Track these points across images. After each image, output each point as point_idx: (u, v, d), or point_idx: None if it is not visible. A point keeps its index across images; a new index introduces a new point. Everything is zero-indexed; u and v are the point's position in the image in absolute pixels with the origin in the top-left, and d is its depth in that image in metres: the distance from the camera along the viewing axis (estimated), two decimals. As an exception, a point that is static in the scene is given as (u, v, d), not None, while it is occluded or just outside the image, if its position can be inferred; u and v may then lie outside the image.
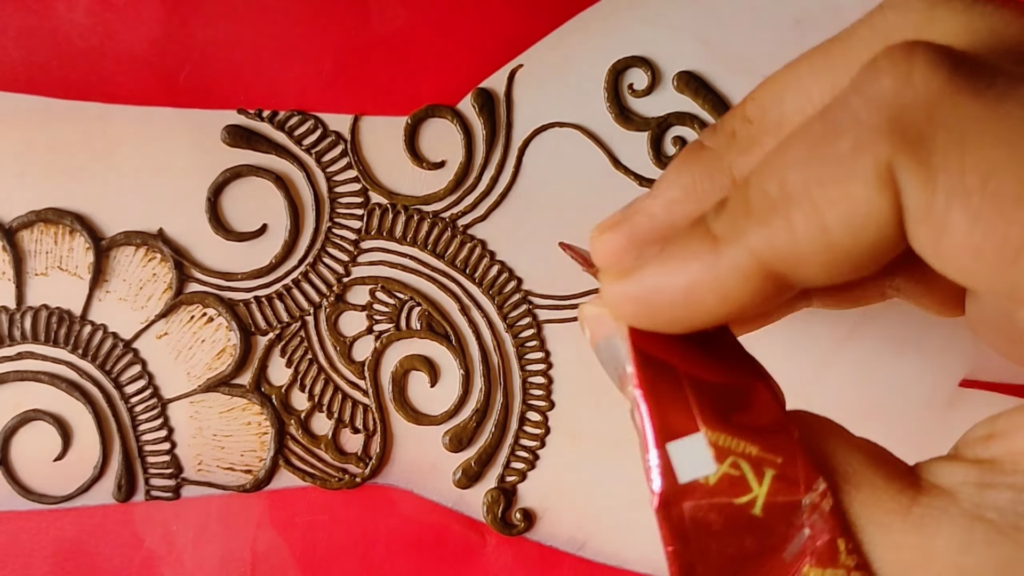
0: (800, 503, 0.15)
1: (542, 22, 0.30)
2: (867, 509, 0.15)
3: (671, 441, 0.15)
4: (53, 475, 0.29)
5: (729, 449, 0.15)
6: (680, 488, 0.15)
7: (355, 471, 0.30)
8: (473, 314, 0.30)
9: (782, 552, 0.15)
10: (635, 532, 0.30)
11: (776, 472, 0.15)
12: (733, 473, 0.15)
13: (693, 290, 0.16)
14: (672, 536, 0.15)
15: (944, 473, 0.15)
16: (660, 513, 0.15)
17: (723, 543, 0.15)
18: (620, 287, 0.17)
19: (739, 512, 0.15)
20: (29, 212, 0.29)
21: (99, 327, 0.29)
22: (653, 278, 0.16)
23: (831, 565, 0.15)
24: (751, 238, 0.15)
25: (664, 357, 0.16)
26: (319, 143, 0.30)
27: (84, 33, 0.29)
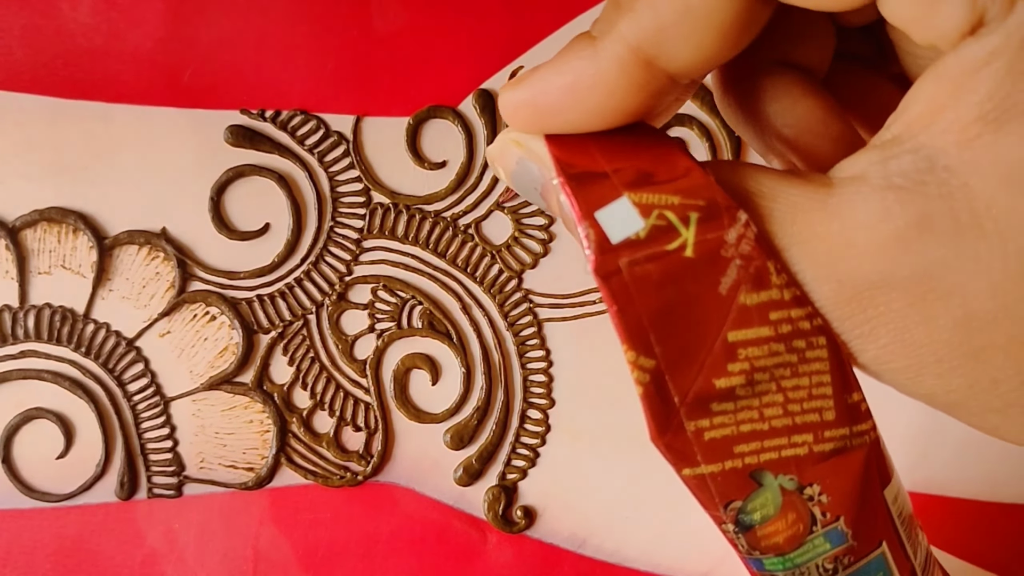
0: (726, 237, 0.15)
1: (542, 24, 0.30)
2: (787, 215, 0.16)
3: (597, 210, 0.16)
4: (56, 473, 0.29)
5: (653, 204, 0.16)
6: (613, 248, 0.15)
7: (357, 469, 0.30)
8: (474, 313, 0.30)
9: (718, 287, 0.16)
10: (635, 529, 0.30)
11: (700, 214, 0.16)
12: (660, 224, 0.16)
13: (577, 86, 0.17)
14: (614, 296, 0.15)
15: (851, 164, 0.16)
16: (599, 275, 0.15)
17: (663, 291, 0.15)
18: (512, 93, 0.17)
19: (672, 258, 0.15)
20: (33, 211, 0.29)
21: (102, 325, 0.29)
22: (541, 81, 0.17)
23: (764, 288, 0.16)
24: (621, 26, 0.16)
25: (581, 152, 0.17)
26: (321, 143, 0.30)
27: (88, 33, 0.29)
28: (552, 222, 0.30)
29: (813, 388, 0.16)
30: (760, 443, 0.16)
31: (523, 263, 0.30)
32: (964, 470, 0.30)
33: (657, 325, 0.16)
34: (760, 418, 0.16)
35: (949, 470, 0.30)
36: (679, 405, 0.16)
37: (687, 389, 0.16)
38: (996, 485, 0.30)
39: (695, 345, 0.16)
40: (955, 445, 0.30)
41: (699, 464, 0.16)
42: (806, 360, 0.16)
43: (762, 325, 0.16)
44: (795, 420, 0.16)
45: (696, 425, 0.16)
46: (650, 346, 0.15)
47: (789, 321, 0.16)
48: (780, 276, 0.16)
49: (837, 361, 0.16)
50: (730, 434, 0.16)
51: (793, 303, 0.16)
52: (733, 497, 0.16)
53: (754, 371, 0.16)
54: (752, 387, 0.16)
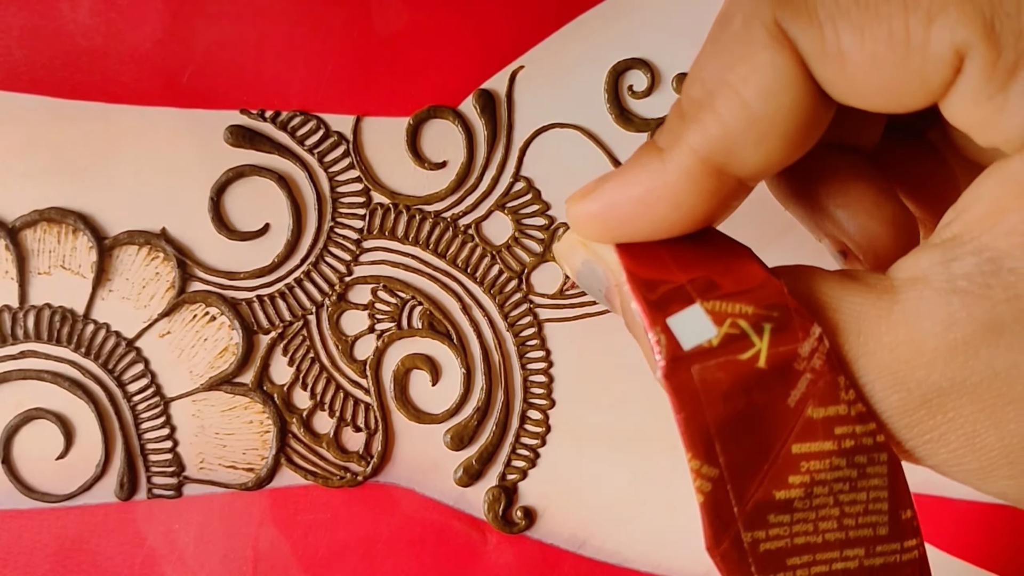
0: (799, 350, 0.15)
1: (543, 24, 0.30)
2: (852, 326, 0.16)
3: (669, 316, 0.16)
4: (55, 474, 0.29)
5: (726, 312, 0.16)
6: (685, 354, 0.15)
7: (357, 469, 0.30)
8: (474, 313, 0.30)
9: (786, 400, 0.15)
10: (636, 530, 0.30)
11: (773, 325, 0.16)
12: (734, 332, 0.15)
13: (646, 198, 0.17)
14: (682, 403, 0.15)
15: (912, 264, 0.16)
16: (669, 380, 0.15)
17: (732, 400, 0.15)
18: (581, 206, 0.18)
19: (744, 367, 0.15)
20: (32, 211, 0.29)
21: (102, 326, 0.29)
22: (609, 194, 0.17)
23: (832, 403, 0.15)
24: (689, 138, 0.16)
25: (651, 260, 0.17)
26: (321, 143, 0.30)
27: (88, 33, 0.29)
28: (552, 222, 0.30)
29: (870, 503, 0.16)
30: (812, 556, 0.16)
31: (523, 263, 0.30)
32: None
33: (723, 434, 0.15)
34: (815, 531, 0.16)
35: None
36: (738, 516, 0.16)
37: (747, 500, 0.16)
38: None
39: (759, 456, 0.16)
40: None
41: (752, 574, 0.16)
42: (866, 475, 0.16)
43: (826, 439, 0.16)
44: (848, 534, 0.16)
45: (753, 536, 0.16)
46: (715, 455, 0.15)
47: (853, 436, 0.16)
48: (848, 392, 0.15)
49: (895, 477, 0.16)
50: (784, 546, 0.16)
51: (858, 419, 0.16)
52: None
53: (814, 484, 0.16)
54: (810, 500, 0.16)
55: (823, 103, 0.16)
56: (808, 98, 0.15)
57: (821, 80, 0.15)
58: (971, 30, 0.14)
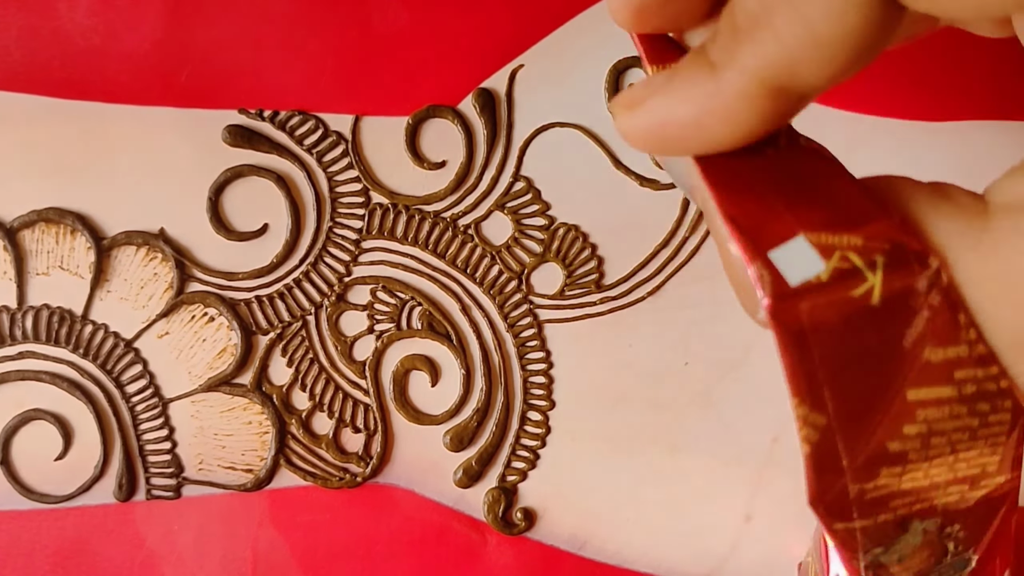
0: (916, 285, 0.14)
1: (543, 22, 0.30)
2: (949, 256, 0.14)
3: (771, 249, 0.14)
4: (54, 475, 0.29)
5: (834, 244, 0.14)
6: (792, 291, 0.14)
7: (356, 470, 0.30)
8: (474, 314, 0.30)
9: (902, 340, 0.14)
10: (636, 531, 0.30)
11: (886, 258, 0.14)
12: (844, 266, 0.14)
13: (700, 120, 0.15)
14: (789, 344, 0.14)
15: (1008, 188, 0.15)
16: (775, 319, 0.14)
17: (843, 342, 0.14)
18: (631, 120, 0.16)
19: (857, 305, 0.14)
20: (30, 212, 0.29)
21: (100, 326, 0.29)
22: (661, 110, 0.16)
23: (952, 343, 0.14)
24: (745, 58, 0.15)
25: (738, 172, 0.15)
26: (320, 143, 0.30)
27: (86, 33, 0.29)
28: (552, 222, 0.30)
29: (986, 449, 0.15)
30: (917, 496, 0.15)
31: (523, 263, 0.30)
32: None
33: (833, 379, 0.14)
34: (924, 476, 0.15)
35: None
36: (847, 468, 0.14)
37: (858, 452, 0.14)
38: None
39: (871, 403, 0.14)
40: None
41: (853, 520, 0.15)
42: (987, 424, 0.15)
43: (945, 384, 0.14)
44: (957, 475, 0.15)
45: (861, 487, 0.15)
46: (823, 402, 0.14)
47: (975, 381, 0.14)
48: (969, 331, 0.14)
49: (1017, 423, 0.15)
50: (889, 492, 0.15)
51: (980, 362, 0.14)
52: (878, 545, 0.15)
53: (931, 434, 0.15)
54: (926, 451, 0.15)
55: (894, 13, 0.14)
56: (878, 11, 0.14)
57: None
58: None
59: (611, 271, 0.30)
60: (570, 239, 0.30)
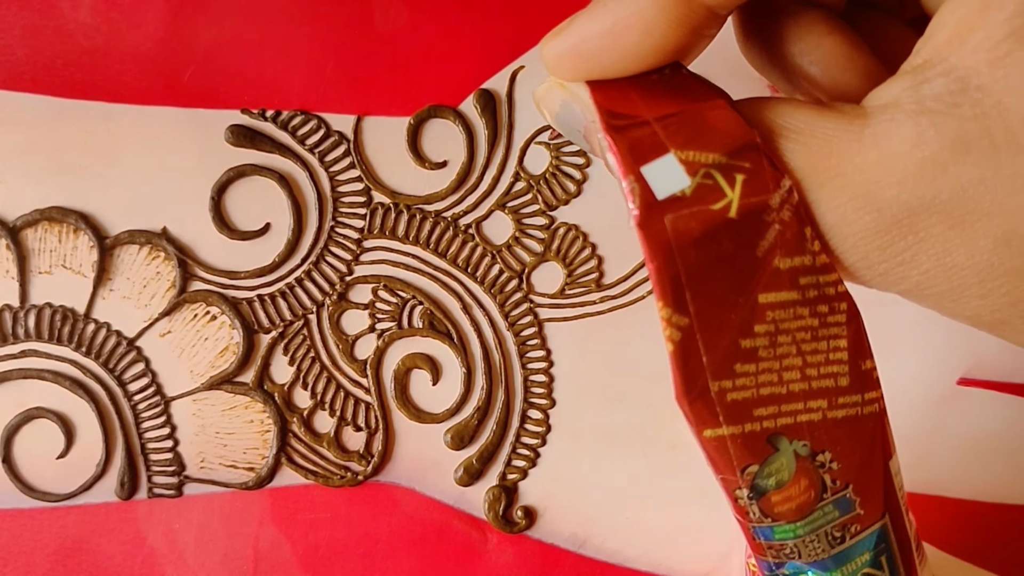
0: (769, 202, 0.16)
1: (544, 24, 0.30)
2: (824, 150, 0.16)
3: (643, 165, 0.16)
4: (56, 473, 0.29)
5: (700, 162, 0.16)
6: (659, 203, 0.15)
7: (357, 469, 0.30)
8: (475, 313, 0.30)
9: (755, 249, 0.16)
10: (635, 530, 0.30)
11: (746, 176, 0.16)
12: (707, 183, 0.16)
13: (616, 28, 0.17)
14: (655, 251, 0.15)
15: (883, 92, 0.16)
16: (642, 229, 0.15)
17: (703, 250, 0.15)
18: (553, 43, 0.18)
19: (716, 217, 0.16)
20: (33, 211, 0.29)
21: (102, 325, 0.29)
22: (580, 28, 0.17)
23: (799, 253, 0.16)
24: None
25: (623, 100, 0.17)
26: (322, 143, 0.30)
27: (89, 33, 0.29)
28: (552, 222, 0.30)
29: (830, 353, 0.16)
30: (778, 407, 0.16)
31: (523, 263, 0.30)
32: (964, 471, 0.30)
33: (694, 283, 0.16)
34: (779, 381, 0.16)
35: (949, 471, 0.30)
36: (707, 365, 0.16)
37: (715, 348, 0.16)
38: (996, 486, 0.30)
39: (727, 304, 0.16)
40: (955, 446, 0.30)
41: (720, 426, 0.16)
42: (826, 324, 0.16)
43: (792, 289, 0.16)
44: (811, 385, 0.16)
45: (720, 385, 0.16)
46: (685, 304, 0.16)
47: (816, 286, 0.16)
48: (814, 243, 0.16)
49: (855, 326, 0.16)
50: (750, 396, 0.16)
51: (822, 269, 0.16)
52: (750, 461, 0.17)
53: (778, 333, 0.16)
54: (774, 348, 0.16)
55: None
56: None
57: None
58: None
59: (611, 270, 0.30)
60: (570, 239, 0.30)
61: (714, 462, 0.17)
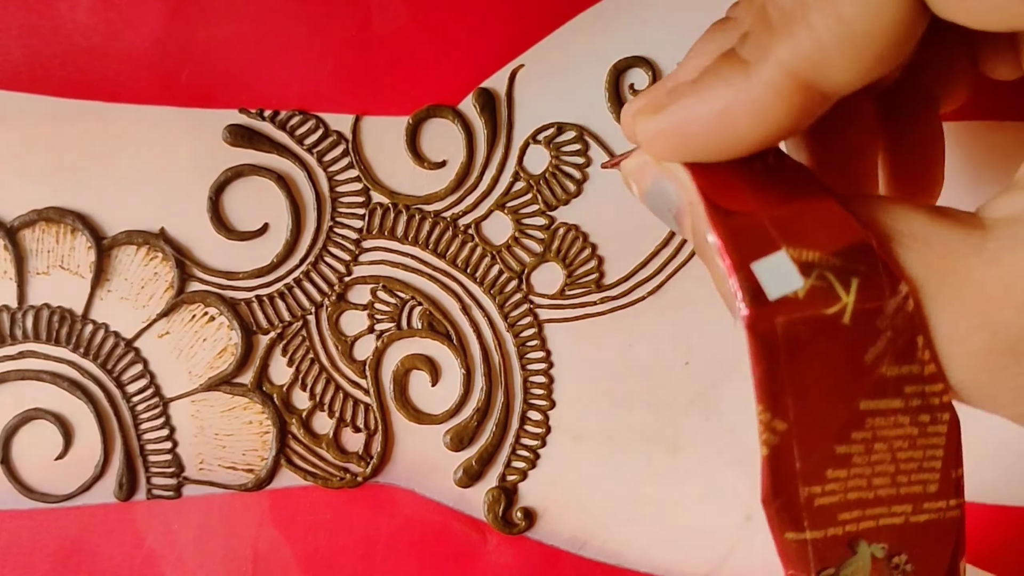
0: (884, 308, 0.15)
1: (543, 22, 0.30)
2: (942, 261, 0.15)
3: (754, 262, 0.15)
4: (54, 474, 0.29)
5: (813, 263, 0.15)
6: (771, 304, 0.15)
7: (356, 470, 0.30)
8: (474, 313, 0.30)
9: (864, 355, 0.15)
10: (636, 531, 0.30)
11: (860, 280, 0.15)
12: (821, 284, 0.15)
13: (727, 113, 0.16)
14: (762, 355, 0.15)
15: (1004, 205, 0.15)
16: (751, 331, 0.15)
17: (811, 355, 0.15)
18: (654, 122, 0.17)
19: (829, 322, 0.15)
20: (31, 211, 0.29)
21: (100, 326, 0.29)
22: (687, 109, 0.16)
23: (908, 362, 0.15)
24: (778, 51, 0.15)
25: (727, 187, 0.16)
26: (320, 143, 0.30)
27: (86, 32, 0.29)
28: (552, 222, 0.30)
29: (925, 461, 0.16)
30: (862, 511, 0.16)
31: (523, 263, 0.30)
32: (966, 471, 0.30)
33: (798, 388, 0.15)
34: (868, 487, 0.16)
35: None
36: (799, 471, 0.15)
37: (810, 455, 0.15)
38: (997, 487, 0.30)
39: (828, 411, 0.15)
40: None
41: (804, 530, 0.16)
42: (926, 434, 0.16)
43: (895, 397, 0.15)
44: (900, 491, 0.16)
45: (810, 491, 0.15)
46: (786, 410, 0.15)
47: (921, 395, 0.15)
48: (924, 352, 0.15)
49: (953, 437, 0.16)
50: (838, 501, 0.16)
51: (929, 379, 0.15)
52: (828, 564, 0.16)
53: (875, 440, 0.15)
54: (869, 456, 0.15)
55: (922, 17, 0.15)
56: (909, 12, 0.15)
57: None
58: None
59: (611, 271, 0.30)
60: (570, 239, 0.30)
61: (790, 561, 0.16)
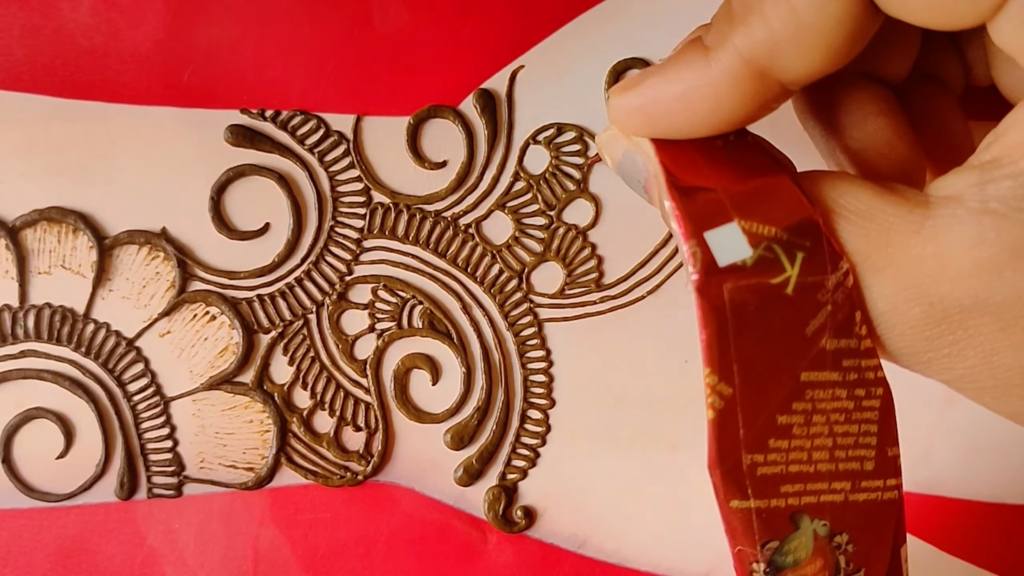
0: (825, 282, 0.16)
1: (543, 23, 0.30)
2: (883, 235, 0.16)
3: (707, 230, 0.16)
4: (55, 473, 0.29)
5: (762, 235, 0.16)
6: (720, 270, 0.16)
7: (357, 469, 0.30)
8: (474, 312, 0.30)
9: (805, 328, 0.16)
10: (636, 530, 0.30)
11: (805, 255, 0.16)
12: (768, 256, 0.16)
13: (688, 96, 0.17)
14: (710, 318, 0.15)
15: (949, 184, 0.16)
16: (700, 293, 0.15)
17: (756, 322, 0.16)
18: (623, 99, 0.18)
19: (773, 291, 0.16)
20: (32, 211, 0.29)
21: (102, 325, 0.29)
22: (652, 88, 0.17)
23: (846, 336, 0.16)
24: (735, 39, 0.16)
25: (688, 162, 0.17)
26: (322, 143, 0.30)
27: (88, 32, 0.29)
28: (552, 222, 0.30)
29: (860, 436, 0.17)
30: (803, 485, 0.16)
31: (523, 263, 0.30)
32: (966, 471, 0.30)
33: (743, 355, 0.16)
34: (808, 460, 0.16)
35: (951, 471, 0.30)
36: (743, 438, 0.16)
37: (753, 422, 0.16)
38: (997, 486, 0.30)
39: (771, 379, 0.16)
40: (957, 446, 0.30)
41: (748, 499, 0.16)
42: (861, 408, 0.16)
43: (834, 370, 0.16)
44: (838, 466, 0.17)
45: (752, 459, 0.16)
46: (732, 374, 0.16)
47: (858, 369, 0.16)
48: (861, 327, 0.16)
49: (887, 413, 0.17)
50: (779, 472, 0.16)
51: (866, 353, 0.16)
52: (772, 537, 0.17)
53: (814, 412, 0.16)
54: (808, 427, 0.16)
55: (871, 14, 0.16)
56: (856, 7, 0.16)
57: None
58: None
59: (611, 270, 0.30)
60: (570, 238, 0.30)
61: (735, 534, 0.17)
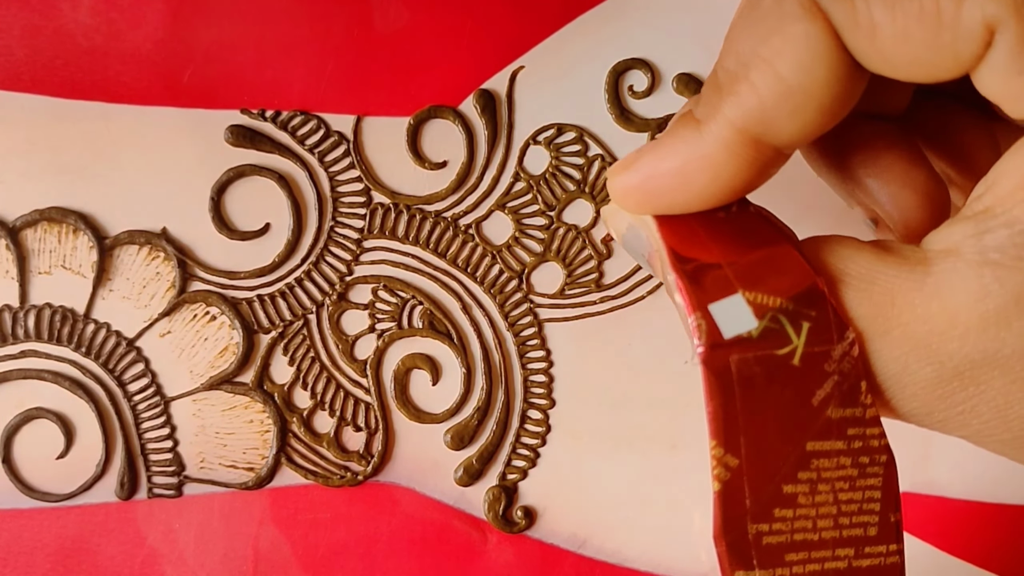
0: (832, 352, 0.16)
1: (543, 24, 0.30)
2: (887, 299, 0.16)
3: (711, 303, 0.16)
4: (56, 473, 0.29)
5: (767, 306, 0.16)
6: (726, 342, 0.16)
7: (357, 469, 0.30)
8: (475, 313, 0.30)
9: (811, 398, 0.16)
10: (636, 530, 0.30)
11: (811, 325, 0.16)
12: (773, 327, 0.16)
13: (684, 169, 0.17)
14: (715, 390, 0.16)
15: (945, 236, 0.16)
16: (707, 366, 0.16)
17: (763, 393, 0.16)
18: (620, 179, 0.18)
19: (780, 362, 0.16)
20: (33, 211, 0.29)
21: (102, 325, 0.29)
22: (648, 166, 0.18)
23: (851, 405, 0.16)
24: (725, 109, 0.16)
25: (690, 236, 0.17)
26: (322, 143, 0.30)
27: (88, 33, 0.29)
28: (552, 222, 0.30)
29: (864, 503, 0.17)
30: (808, 553, 0.17)
31: (523, 263, 0.30)
32: (965, 471, 0.30)
33: (750, 426, 0.16)
34: (813, 528, 0.16)
35: (950, 472, 0.30)
36: (749, 508, 0.16)
37: (760, 493, 0.16)
38: (997, 486, 0.30)
39: (778, 450, 0.16)
40: (957, 446, 0.30)
41: (754, 568, 0.16)
42: (865, 475, 0.17)
43: (839, 439, 0.16)
44: (842, 533, 0.17)
45: (758, 528, 0.16)
46: (738, 446, 0.16)
47: (862, 437, 0.16)
48: (867, 396, 0.16)
49: (890, 479, 0.17)
50: (784, 541, 0.16)
51: (871, 422, 0.16)
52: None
53: (819, 481, 0.16)
54: (813, 496, 0.16)
55: (857, 73, 0.16)
56: (842, 69, 0.16)
57: (854, 51, 0.16)
58: (1002, 6, 0.14)
59: (611, 270, 0.30)
60: (570, 239, 0.30)
61: None
